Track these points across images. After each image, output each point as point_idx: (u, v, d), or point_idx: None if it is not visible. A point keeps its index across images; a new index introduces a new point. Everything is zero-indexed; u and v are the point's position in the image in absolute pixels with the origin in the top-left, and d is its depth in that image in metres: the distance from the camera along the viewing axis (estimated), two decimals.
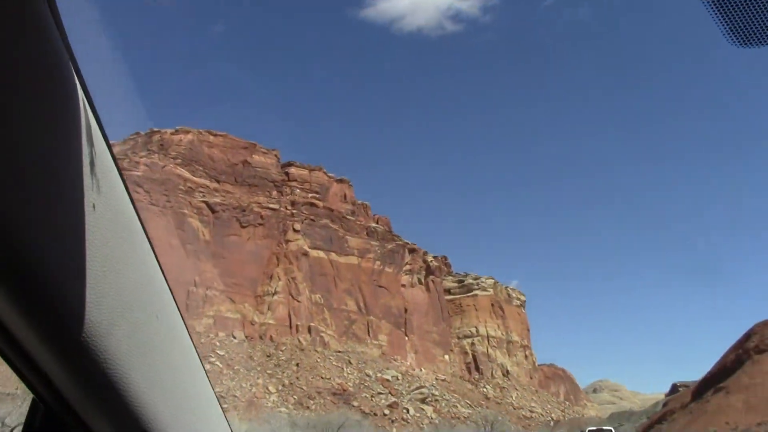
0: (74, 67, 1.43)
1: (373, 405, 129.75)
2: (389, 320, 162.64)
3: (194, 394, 2.24)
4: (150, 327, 1.76)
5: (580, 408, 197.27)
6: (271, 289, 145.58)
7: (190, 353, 2.24)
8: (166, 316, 1.95)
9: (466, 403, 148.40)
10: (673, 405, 74.31)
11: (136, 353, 1.64)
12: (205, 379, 2.45)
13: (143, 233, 1.89)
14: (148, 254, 1.91)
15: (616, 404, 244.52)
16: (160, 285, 1.98)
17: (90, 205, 1.44)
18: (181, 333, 2.15)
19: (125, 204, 1.73)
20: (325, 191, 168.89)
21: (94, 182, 1.47)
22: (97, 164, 1.51)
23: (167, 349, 1.92)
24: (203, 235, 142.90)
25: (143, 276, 1.76)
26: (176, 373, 2.02)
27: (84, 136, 1.44)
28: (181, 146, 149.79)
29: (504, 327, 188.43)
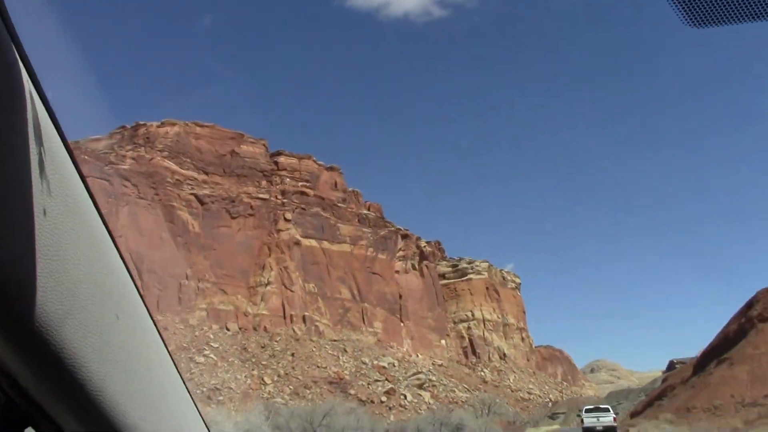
0: (19, 55, 1.35)
1: (370, 392, 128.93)
2: (384, 307, 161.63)
3: (163, 389, 2.20)
4: (108, 323, 1.72)
5: (578, 388, 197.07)
6: (264, 280, 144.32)
7: (156, 349, 2.19)
8: (130, 314, 1.91)
9: (463, 387, 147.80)
10: (673, 380, 71.39)
11: (92, 347, 1.61)
12: (176, 374, 2.41)
13: (105, 234, 1.82)
14: (109, 254, 1.83)
15: (614, 383, 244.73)
16: (123, 285, 1.92)
17: (40, 209, 1.37)
18: (147, 330, 2.11)
19: (83, 205, 1.66)
20: (315, 179, 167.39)
21: (44, 185, 1.40)
22: (48, 164, 1.43)
23: (130, 345, 1.89)
24: (193, 227, 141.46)
25: (102, 276, 1.71)
26: (141, 368, 1.98)
27: (31, 134, 1.35)
28: (167, 138, 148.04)
29: (500, 310, 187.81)
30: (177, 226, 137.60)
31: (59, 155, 1.53)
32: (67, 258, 1.48)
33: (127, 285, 1.97)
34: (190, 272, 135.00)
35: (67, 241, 1.49)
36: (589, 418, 48.71)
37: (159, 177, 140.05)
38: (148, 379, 2.04)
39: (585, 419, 48.79)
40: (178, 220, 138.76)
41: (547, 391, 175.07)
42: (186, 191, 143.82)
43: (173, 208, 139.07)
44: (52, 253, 1.41)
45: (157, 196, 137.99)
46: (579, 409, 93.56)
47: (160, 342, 2.26)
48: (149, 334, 2.13)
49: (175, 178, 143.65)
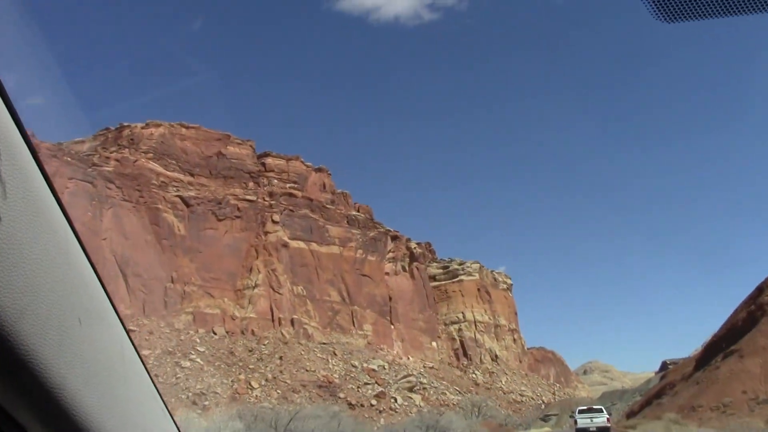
0: None
1: (360, 396, 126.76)
2: (374, 309, 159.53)
3: (128, 389, 2.15)
4: (69, 322, 1.66)
5: (572, 390, 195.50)
6: (251, 283, 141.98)
7: (121, 349, 2.13)
8: (94, 314, 1.87)
9: (455, 389, 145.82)
10: (673, 377, 66.16)
11: (52, 344, 1.56)
12: (144, 374, 2.37)
13: (70, 234, 1.77)
14: (72, 254, 1.76)
15: (607, 385, 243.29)
16: (88, 285, 1.87)
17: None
18: (113, 330, 2.07)
19: (44, 206, 1.58)
20: (303, 181, 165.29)
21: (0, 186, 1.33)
22: (4, 164, 1.37)
23: (94, 344, 1.84)
24: (179, 230, 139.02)
25: (65, 276, 1.66)
26: (104, 368, 1.93)
27: None
28: (152, 140, 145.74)
29: (491, 311, 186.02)
30: (162, 229, 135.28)
31: (18, 152, 1.46)
32: (25, 257, 1.43)
33: (93, 286, 1.92)
34: (175, 275, 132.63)
35: (24, 242, 1.43)
36: (582, 419, 47.49)
37: (144, 179, 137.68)
38: (112, 379, 1.99)
39: (578, 420, 47.69)
40: (163, 223, 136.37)
41: (539, 393, 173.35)
42: (171, 193, 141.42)
43: (158, 210, 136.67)
44: (8, 253, 1.36)
45: (142, 198, 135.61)
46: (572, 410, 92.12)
47: (127, 341, 2.21)
48: (114, 334, 2.08)
49: (160, 180, 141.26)
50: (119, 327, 2.15)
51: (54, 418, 1.72)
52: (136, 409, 2.22)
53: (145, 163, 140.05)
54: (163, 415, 2.57)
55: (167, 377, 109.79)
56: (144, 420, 2.29)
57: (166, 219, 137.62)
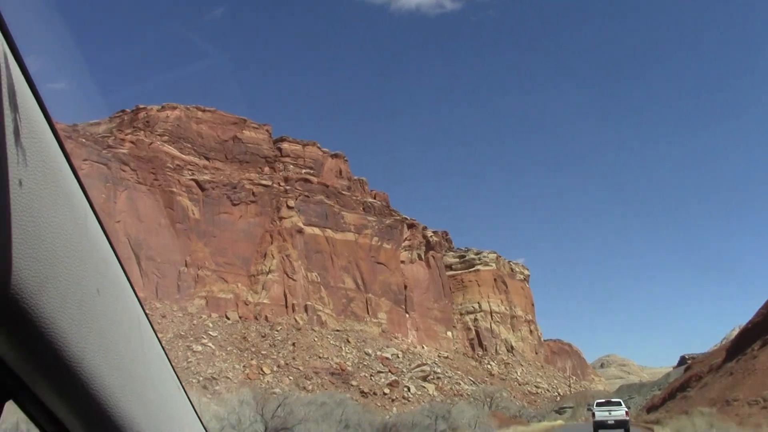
0: None
1: (373, 384, 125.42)
2: (389, 297, 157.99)
3: (144, 361, 2.16)
4: (88, 295, 1.66)
5: (588, 383, 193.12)
6: (265, 268, 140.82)
7: (138, 324, 2.14)
8: (111, 288, 1.86)
9: (469, 380, 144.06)
10: (699, 368, 60.81)
11: (71, 317, 1.56)
12: (159, 350, 2.36)
13: (87, 206, 1.76)
14: (90, 228, 1.76)
15: (624, 379, 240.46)
16: (105, 258, 1.86)
17: (16, 181, 1.32)
18: (129, 304, 2.07)
19: (63, 176, 1.59)
20: (319, 167, 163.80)
21: (20, 154, 1.34)
22: (24, 132, 1.37)
23: (111, 318, 1.84)
24: (193, 213, 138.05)
25: (83, 248, 1.65)
26: (121, 341, 1.92)
27: (5, 100, 1.28)
28: (168, 123, 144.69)
29: (507, 302, 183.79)
30: (176, 212, 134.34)
31: (37, 123, 1.46)
32: (43, 228, 1.43)
33: (110, 259, 1.92)
34: (189, 259, 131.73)
35: (45, 212, 1.44)
36: (600, 412, 45.75)
37: (158, 162, 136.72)
38: (129, 352, 1.99)
39: (596, 413, 45.97)
40: (177, 206, 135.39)
41: (555, 385, 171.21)
42: (186, 177, 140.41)
43: (173, 193, 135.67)
44: (28, 223, 1.36)
45: (157, 181, 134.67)
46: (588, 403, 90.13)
47: (143, 316, 2.22)
48: (131, 307, 2.09)
49: (175, 163, 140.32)
50: (135, 302, 2.15)
51: (72, 392, 1.72)
52: (152, 384, 2.22)
53: (161, 146, 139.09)
54: (179, 391, 2.56)
55: (178, 361, 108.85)
56: (160, 395, 2.29)
57: (180, 202, 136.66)
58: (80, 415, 1.83)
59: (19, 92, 1.37)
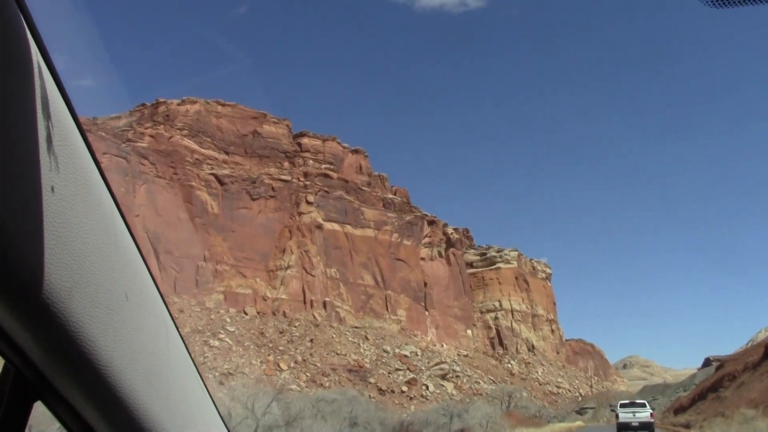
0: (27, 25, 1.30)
1: (391, 382, 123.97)
2: (408, 295, 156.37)
3: (171, 367, 2.20)
4: (116, 300, 1.70)
5: (610, 384, 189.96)
6: (284, 264, 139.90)
7: (165, 328, 2.18)
8: (139, 293, 1.91)
9: (489, 379, 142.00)
10: (733, 367, 56.47)
11: (100, 322, 1.60)
12: (185, 354, 2.41)
13: (116, 212, 1.81)
14: (119, 233, 1.81)
15: (647, 380, 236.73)
16: (133, 263, 1.91)
17: (48, 187, 1.35)
18: (157, 308, 2.11)
19: (93, 182, 1.63)
20: (339, 162, 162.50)
21: (52, 161, 1.37)
22: (56, 140, 1.39)
23: (138, 323, 1.88)
24: (212, 208, 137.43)
25: (111, 253, 1.69)
26: (148, 346, 1.97)
27: (39, 108, 1.31)
28: (187, 117, 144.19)
29: (529, 300, 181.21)
30: (195, 207, 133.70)
31: (68, 130, 1.50)
32: (74, 234, 1.46)
33: (138, 264, 1.97)
34: (207, 254, 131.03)
35: (75, 218, 1.47)
36: (624, 413, 43.89)
37: (178, 156, 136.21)
38: (155, 356, 2.03)
39: (620, 414, 44.14)
40: (196, 201, 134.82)
41: (577, 385, 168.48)
42: (205, 171, 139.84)
43: (192, 188, 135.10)
44: (59, 229, 1.39)
45: (176, 175, 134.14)
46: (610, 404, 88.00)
47: (170, 320, 2.25)
48: (158, 312, 2.13)
49: (194, 157, 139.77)
50: (162, 306, 2.18)
51: (99, 394, 1.75)
52: (177, 387, 2.24)
53: (180, 139, 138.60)
54: (204, 395, 2.58)
55: (195, 356, 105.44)
56: (185, 399, 2.31)
57: (199, 197, 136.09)
58: (106, 417, 1.87)
59: (52, 101, 1.39)
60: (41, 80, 1.34)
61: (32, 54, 1.30)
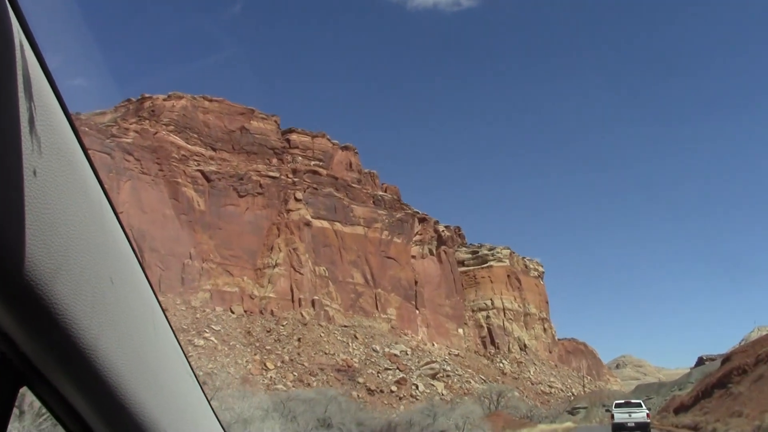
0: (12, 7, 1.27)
1: (380, 381, 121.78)
2: (399, 293, 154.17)
3: (157, 350, 2.16)
4: (101, 283, 1.68)
5: (603, 383, 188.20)
6: (272, 262, 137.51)
7: (152, 312, 2.15)
8: (125, 276, 1.88)
9: (480, 378, 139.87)
10: (742, 359, 52.06)
11: (85, 304, 1.58)
12: (172, 338, 2.37)
13: (102, 195, 1.77)
14: (105, 216, 1.78)
15: (640, 380, 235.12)
16: (119, 247, 1.87)
17: (30, 170, 1.33)
18: (143, 293, 2.08)
19: (78, 165, 1.60)
20: (328, 159, 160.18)
21: (34, 143, 1.34)
22: (39, 121, 1.36)
23: (125, 306, 1.85)
24: (198, 205, 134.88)
25: (97, 237, 1.67)
26: (135, 329, 1.95)
27: (21, 88, 1.28)
28: (173, 112, 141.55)
29: (521, 299, 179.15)
30: (181, 204, 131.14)
31: (52, 111, 1.47)
32: (57, 217, 1.44)
33: (124, 248, 1.94)
34: (194, 252, 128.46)
35: (59, 201, 1.45)
36: (619, 413, 41.77)
37: (164, 152, 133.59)
38: (142, 341, 2.01)
39: (615, 414, 42.01)
40: (182, 197, 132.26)
41: (569, 385, 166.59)
42: (192, 167, 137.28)
43: (178, 184, 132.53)
44: (43, 212, 1.38)
45: (161, 171, 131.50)
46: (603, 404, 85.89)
47: (157, 306, 2.22)
48: (145, 297, 2.09)
49: (180, 153, 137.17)
50: (149, 291, 2.14)
51: (85, 379, 1.74)
52: (165, 372, 2.22)
53: (166, 135, 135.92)
54: (191, 379, 2.56)
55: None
56: (172, 384, 2.29)
57: (185, 193, 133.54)
58: (93, 402, 1.84)
59: (35, 81, 1.36)
60: (23, 59, 1.31)
61: (13, 30, 1.27)
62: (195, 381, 2.53)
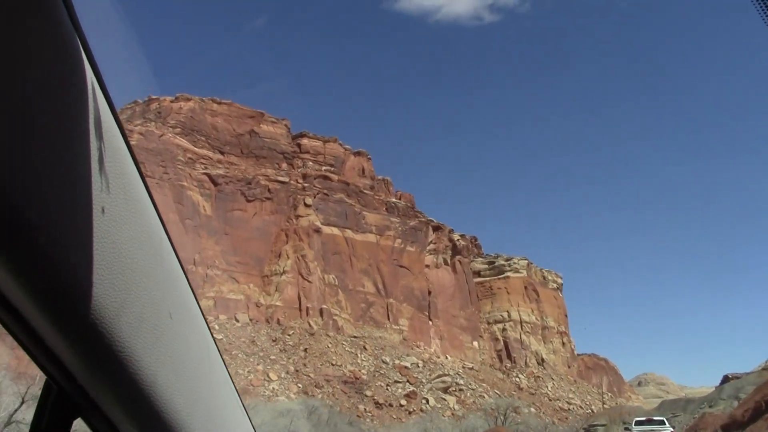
0: (83, 48, 1.31)
1: (389, 395, 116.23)
2: (411, 303, 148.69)
3: (211, 387, 2.22)
4: (161, 320, 1.73)
5: (624, 401, 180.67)
6: (279, 269, 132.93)
7: (207, 349, 2.21)
8: (183, 313, 1.93)
9: (495, 393, 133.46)
10: None
11: (145, 341, 1.62)
12: (225, 374, 2.45)
13: (163, 233, 1.83)
14: (166, 253, 1.84)
15: (662, 398, 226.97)
16: (178, 283, 1.93)
17: (99, 208, 1.37)
18: (199, 329, 2.14)
19: (142, 203, 1.65)
20: (340, 164, 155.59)
21: (103, 181, 1.39)
22: (108, 161, 1.42)
23: (181, 342, 1.90)
24: (204, 209, 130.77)
25: (158, 274, 1.72)
26: (191, 365, 1.99)
27: (92, 129, 1.33)
28: (181, 114, 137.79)
29: (539, 311, 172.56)
30: (186, 208, 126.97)
31: (119, 151, 1.52)
32: (123, 254, 1.48)
33: (182, 284, 1.99)
34: (198, 258, 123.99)
35: (125, 238, 1.49)
36: (640, 431, 36.23)
37: (169, 155, 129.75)
38: (198, 375, 2.06)
39: None
40: (187, 201, 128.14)
41: (589, 401, 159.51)
42: (198, 171, 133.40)
43: (183, 188, 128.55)
44: (109, 250, 1.41)
45: (166, 174, 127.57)
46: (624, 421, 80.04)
47: (211, 341, 2.28)
48: (201, 333, 2.14)
49: (187, 156, 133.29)
50: (204, 324, 2.18)
51: (142, 413, 1.76)
52: (219, 409, 2.27)
53: (172, 138, 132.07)
54: (243, 415, 2.62)
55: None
56: (225, 419, 2.34)
57: (191, 197, 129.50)
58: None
59: (104, 122, 1.41)
60: (95, 101, 1.35)
61: (87, 75, 1.31)
62: (245, 414, 2.57)
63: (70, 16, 1.22)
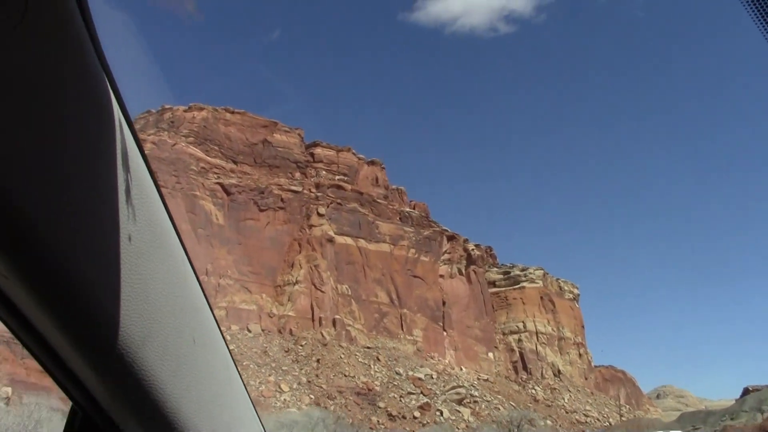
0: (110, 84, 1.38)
1: (402, 406, 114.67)
2: (425, 314, 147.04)
3: (233, 413, 2.27)
4: (185, 347, 1.78)
5: (643, 413, 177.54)
6: (292, 279, 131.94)
7: (228, 374, 2.26)
8: (205, 339, 1.98)
9: (510, 405, 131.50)
10: None
11: (170, 369, 1.66)
12: (246, 399, 2.52)
13: (186, 261, 1.88)
14: (189, 281, 1.88)
15: (681, 411, 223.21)
16: (200, 310, 1.98)
17: (126, 236, 1.42)
18: (221, 355, 2.19)
19: (166, 232, 1.71)
20: (354, 174, 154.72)
21: (130, 212, 1.44)
22: (134, 192, 1.48)
23: (204, 369, 1.95)
24: (217, 218, 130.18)
25: (182, 302, 1.77)
26: (212, 392, 2.04)
27: (119, 161, 1.39)
28: (194, 124, 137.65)
29: (555, 322, 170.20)
30: (198, 217, 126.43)
31: (145, 182, 1.58)
32: (149, 283, 1.53)
33: (204, 310, 2.03)
34: (210, 267, 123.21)
35: (150, 267, 1.54)
36: None
37: (182, 164, 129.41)
38: (220, 400, 2.12)
39: None
40: (200, 211, 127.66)
41: (606, 414, 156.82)
42: (211, 180, 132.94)
43: (195, 197, 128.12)
44: (135, 278, 1.46)
45: (179, 184, 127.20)
46: None
47: (233, 365, 2.34)
48: (222, 354, 2.19)
49: (200, 165, 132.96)
50: (226, 351, 2.23)
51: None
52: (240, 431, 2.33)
53: (185, 147, 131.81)
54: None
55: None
56: None
57: (203, 207, 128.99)
58: None
59: (131, 155, 1.46)
60: (122, 135, 1.40)
61: (114, 110, 1.37)
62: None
63: (98, 55, 1.29)
